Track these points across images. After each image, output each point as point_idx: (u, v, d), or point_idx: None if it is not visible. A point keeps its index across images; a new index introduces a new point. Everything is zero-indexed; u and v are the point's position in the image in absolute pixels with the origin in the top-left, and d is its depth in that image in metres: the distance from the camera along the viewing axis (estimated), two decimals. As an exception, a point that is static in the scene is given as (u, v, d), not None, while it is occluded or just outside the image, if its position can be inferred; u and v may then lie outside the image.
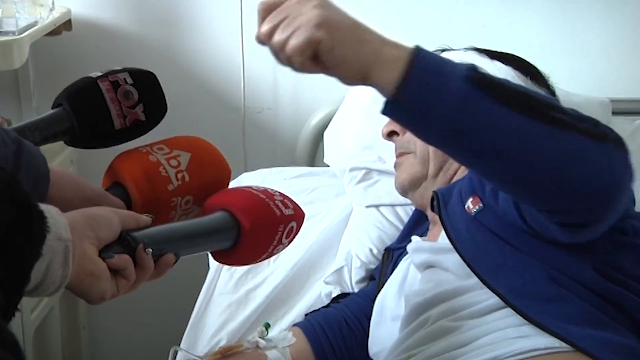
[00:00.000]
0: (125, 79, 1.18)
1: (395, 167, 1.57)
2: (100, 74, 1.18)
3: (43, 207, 0.88)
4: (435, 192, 1.40)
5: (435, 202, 1.39)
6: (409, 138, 1.52)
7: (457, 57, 1.56)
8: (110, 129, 1.17)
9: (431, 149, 1.49)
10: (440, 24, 2.10)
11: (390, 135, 1.55)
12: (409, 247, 1.47)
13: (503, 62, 1.56)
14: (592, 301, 1.20)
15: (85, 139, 1.18)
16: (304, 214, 1.16)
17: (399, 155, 1.56)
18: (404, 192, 1.55)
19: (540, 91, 1.56)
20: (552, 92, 1.59)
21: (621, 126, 1.80)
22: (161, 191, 1.13)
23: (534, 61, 1.95)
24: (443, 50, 1.62)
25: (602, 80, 2.04)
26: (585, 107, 1.77)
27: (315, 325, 1.53)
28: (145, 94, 1.19)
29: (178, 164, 1.15)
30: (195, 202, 1.16)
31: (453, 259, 1.30)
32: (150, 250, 0.98)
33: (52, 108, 1.18)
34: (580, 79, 2.00)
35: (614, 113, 1.82)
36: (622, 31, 2.05)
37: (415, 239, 1.51)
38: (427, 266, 1.38)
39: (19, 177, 1.01)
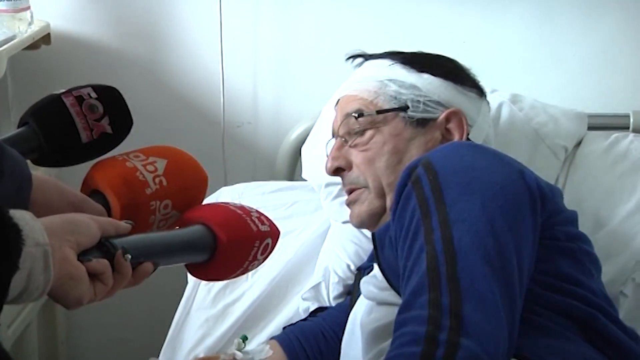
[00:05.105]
0: (89, 94, 1.18)
1: (348, 204, 1.53)
2: (63, 90, 1.18)
3: (17, 214, 0.87)
4: (373, 235, 1.38)
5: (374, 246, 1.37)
6: (357, 173, 1.49)
7: (379, 65, 1.52)
8: (78, 143, 1.17)
9: (384, 181, 1.46)
10: (419, 41, 2.10)
11: (337, 171, 1.51)
12: (362, 281, 1.44)
13: (431, 74, 1.51)
14: (540, 314, 1.20)
15: (53, 156, 1.17)
16: (279, 232, 1.17)
17: (350, 191, 1.51)
18: (361, 226, 1.52)
19: (471, 93, 1.52)
20: (481, 91, 1.56)
21: (597, 140, 1.81)
22: (139, 195, 1.13)
23: (513, 75, 1.95)
24: (362, 56, 1.57)
25: (580, 96, 2.05)
26: (562, 119, 1.79)
27: (292, 338, 1.52)
28: (110, 107, 1.19)
29: (155, 169, 1.16)
30: (175, 207, 1.17)
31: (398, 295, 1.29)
32: (129, 256, 0.99)
33: (18, 127, 1.17)
34: (558, 93, 2.01)
35: (590, 128, 1.84)
36: (599, 47, 2.07)
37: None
38: (378, 301, 1.36)
39: (3, 180, 1.01)
